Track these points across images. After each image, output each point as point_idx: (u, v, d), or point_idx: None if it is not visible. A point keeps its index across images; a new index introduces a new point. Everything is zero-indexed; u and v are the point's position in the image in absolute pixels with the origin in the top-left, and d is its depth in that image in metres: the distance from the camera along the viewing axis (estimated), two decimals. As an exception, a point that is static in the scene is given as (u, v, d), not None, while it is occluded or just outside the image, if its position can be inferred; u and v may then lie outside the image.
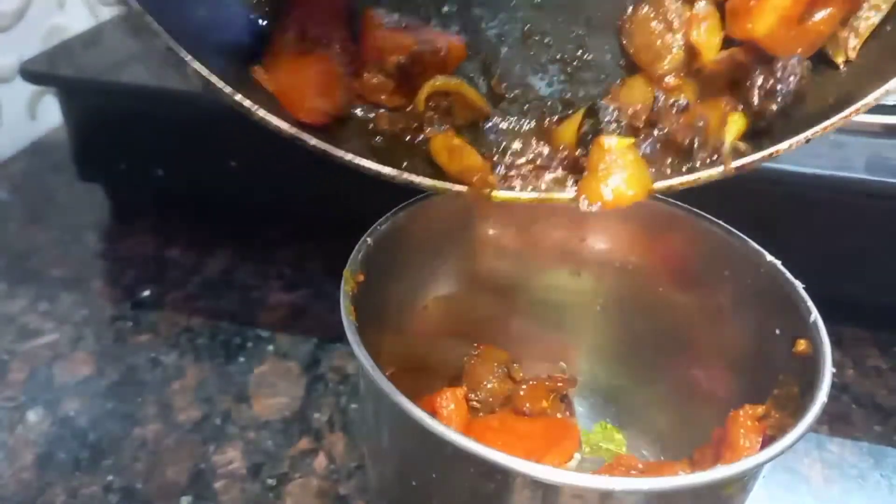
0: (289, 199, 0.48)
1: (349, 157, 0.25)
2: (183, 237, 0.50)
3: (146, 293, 0.45)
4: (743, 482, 0.22)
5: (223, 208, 0.51)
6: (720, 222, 0.29)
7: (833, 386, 0.23)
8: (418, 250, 0.31)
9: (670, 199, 0.30)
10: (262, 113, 0.25)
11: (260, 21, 0.28)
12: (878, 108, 0.42)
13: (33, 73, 0.47)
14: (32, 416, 0.37)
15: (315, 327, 0.43)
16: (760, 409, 0.26)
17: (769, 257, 0.28)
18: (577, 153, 0.27)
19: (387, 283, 0.29)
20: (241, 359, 0.40)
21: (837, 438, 0.37)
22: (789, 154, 0.39)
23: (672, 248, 0.31)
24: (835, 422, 0.38)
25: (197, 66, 0.23)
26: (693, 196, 0.30)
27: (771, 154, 0.25)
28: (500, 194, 0.26)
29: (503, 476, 0.21)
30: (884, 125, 0.42)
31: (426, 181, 0.26)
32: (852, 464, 0.36)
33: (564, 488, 0.20)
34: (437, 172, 0.27)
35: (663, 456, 0.32)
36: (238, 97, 0.24)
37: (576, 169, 0.27)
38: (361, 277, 0.26)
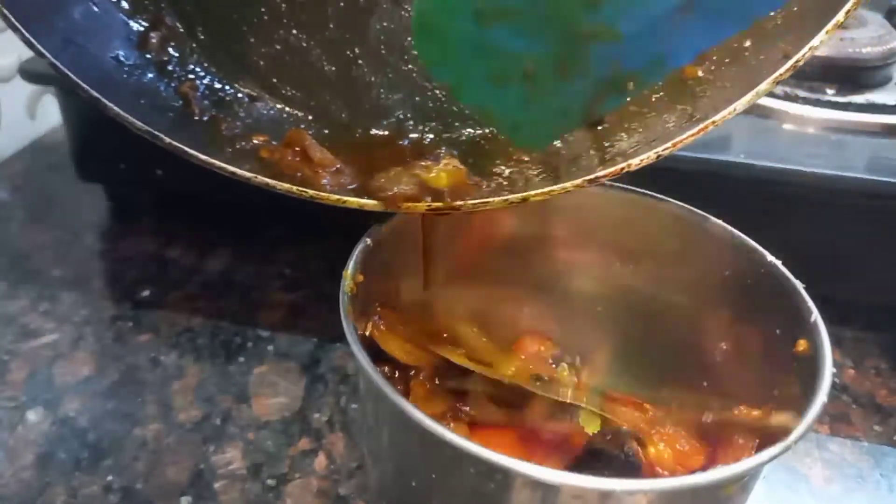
0: (289, 199, 0.47)
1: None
2: (183, 237, 0.50)
3: (146, 293, 0.45)
4: (743, 482, 0.22)
5: (223, 208, 0.51)
6: (720, 222, 0.29)
7: (833, 386, 0.23)
8: (418, 250, 0.31)
9: (670, 199, 0.30)
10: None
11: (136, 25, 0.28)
12: (879, 109, 0.43)
13: (33, 72, 0.47)
14: (32, 416, 0.37)
15: (315, 327, 0.43)
16: (760, 409, 0.26)
17: (769, 257, 0.27)
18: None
19: (387, 283, 0.29)
20: (241, 359, 0.40)
21: (837, 438, 0.37)
22: (789, 154, 0.40)
23: (672, 248, 0.31)
24: (835, 422, 0.38)
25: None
26: (693, 196, 0.30)
27: (622, 169, 0.25)
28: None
29: (503, 476, 0.21)
30: (884, 125, 0.42)
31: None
32: (852, 464, 0.36)
33: (564, 488, 0.20)
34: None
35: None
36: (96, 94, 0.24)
37: None
38: (361, 277, 0.26)
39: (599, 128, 0.28)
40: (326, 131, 0.30)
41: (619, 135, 0.27)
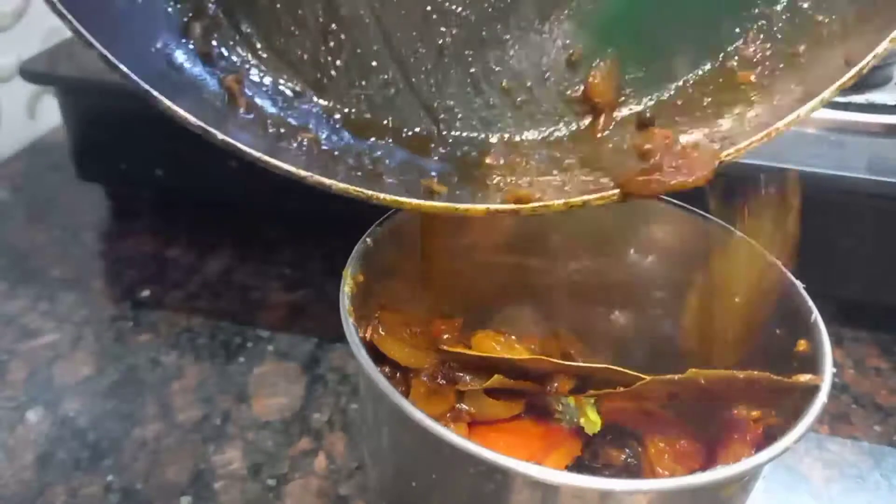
0: (289, 199, 0.48)
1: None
2: (183, 237, 0.50)
3: (146, 293, 0.45)
4: (743, 482, 0.22)
5: (223, 208, 0.51)
6: (720, 222, 0.29)
7: (833, 386, 0.23)
8: (418, 250, 0.31)
9: (670, 199, 0.30)
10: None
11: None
12: (879, 109, 0.43)
13: (33, 72, 0.47)
14: (32, 416, 0.37)
15: (315, 327, 0.43)
16: (760, 410, 0.26)
17: (769, 257, 0.28)
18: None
19: (387, 283, 0.29)
20: (241, 359, 0.40)
21: (837, 438, 0.37)
22: (789, 154, 0.40)
23: (672, 248, 0.31)
24: (835, 422, 0.38)
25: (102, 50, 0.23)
26: (693, 195, 0.30)
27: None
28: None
29: (503, 476, 0.21)
30: (884, 125, 0.42)
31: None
32: (852, 464, 0.36)
33: (564, 488, 0.20)
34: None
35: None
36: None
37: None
38: (361, 277, 0.26)
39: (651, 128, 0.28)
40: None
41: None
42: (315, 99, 0.28)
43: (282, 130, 0.27)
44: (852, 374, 0.41)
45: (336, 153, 0.27)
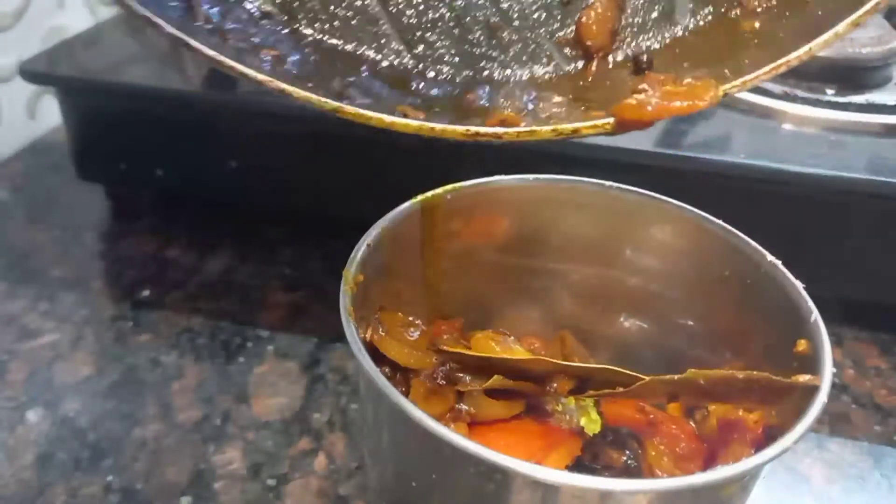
0: (289, 199, 0.48)
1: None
2: (183, 237, 0.50)
3: (146, 293, 0.45)
4: (743, 482, 0.22)
5: (223, 208, 0.51)
6: (720, 222, 0.29)
7: (833, 386, 0.23)
8: (418, 250, 0.31)
9: (670, 199, 0.30)
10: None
11: None
12: (879, 109, 0.43)
13: (33, 72, 0.47)
14: (32, 416, 0.37)
15: (315, 327, 0.43)
16: (760, 410, 0.26)
17: (769, 257, 0.27)
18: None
19: (387, 284, 0.29)
20: (241, 359, 0.40)
21: (837, 438, 0.37)
22: (789, 154, 0.40)
23: (672, 248, 0.31)
24: (835, 422, 0.38)
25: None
26: (693, 195, 0.30)
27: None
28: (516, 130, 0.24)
29: (503, 476, 0.21)
30: (885, 125, 0.42)
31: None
32: (852, 464, 0.36)
33: (564, 488, 0.20)
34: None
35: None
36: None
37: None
38: (361, 278, 0.26)
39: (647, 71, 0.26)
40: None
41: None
42: (283, 20, 0.27)
43: (242, 45, 0.25)
44: (852, 374, 0.41)
45: (302, 75, 0.25)
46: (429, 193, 0.30)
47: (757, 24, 0.26)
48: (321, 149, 0.45)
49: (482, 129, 0.24)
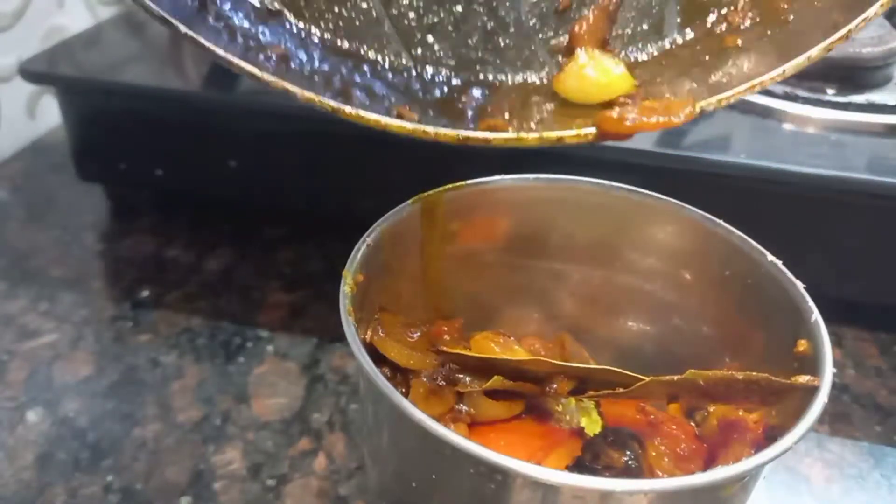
0: (289, 199, 0.48)
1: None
2: (183, 237, 0.50)
3: (146, 293, 0.45)
4: (743, 483, 0.22)
5: (223, 208, 0.51)
6: (720, 222, 0.29)
7: (833, 386, 0.23)
8: (418, 250, 0.31)
9: (670, 199, 0.30)
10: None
11: None
12: (879, 109, 0.43)
13: (32, 72, 0.47)
14: (32, 416, 0.37)
15: (315, 327, 0.43)
16: (760, 411, 0.26)
17: (770, 257, 0.27)
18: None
19: (387, 283, 0.29)
20: (241, 359, 0.40)
21: (837, 438, 0.37)
22: (789, 154, 0.40)
23: (672, 248, 0.31)
24: (835, 422, 0.38)
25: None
26: (693, 195, 0.30)
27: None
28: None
29: (503, 477, 0.21)
30: (885, 125, 0.42)
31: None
32: (852, 464, 0.36)
33: (564, 488, 0.20)
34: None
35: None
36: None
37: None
38: (361, 278, 0.26)
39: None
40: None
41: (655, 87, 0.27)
42: (291, 19, 0.28)
43: (251, 43, 0.26)
44: (852, 374, 0.41)
45: (306, 74, 0.27)
46: (429, 193, 0.30)
47: (739, 42, 0.27)
48: (321, 149, 0.45)
49: (472, 134, 0.25)
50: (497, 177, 0.31)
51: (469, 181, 0.31)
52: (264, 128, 0.45)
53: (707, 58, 0.27)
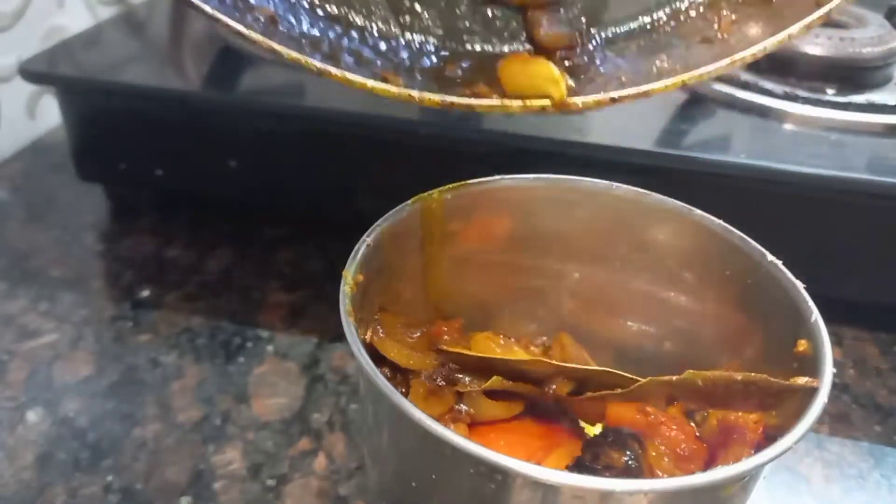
0: (289, 199, 0.48)
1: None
2: (183, 237, 0.50)
3: (146, 293, 0.45)
4: (743, 483, 0.22)
5: (223, 208, 0.51)
6: (720, 222, 0.29)
7: (833, 386, 0.23)
8: (418, 250, 0.31)
9: (670, 199, 0.30)
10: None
11: None
12: (879, 109, 0.43)
13: (32, 72, 0.47)
14: (32, 416, 0.37)
15: (315, 327, 0.43)
16: (759, 412, 0.26)
17: (769, 257, 0.27)
18: None
19: (387, 284, 0.29)
20: (241, 359, 0.40)
21: (837, 438, 0.37)
22: (789, 154, 0.40)
23: (672, 248, 0.31)
24: (835, 422, 0.38)
25: None
26: (693, 195, 0.30)
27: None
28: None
29: (503, 477, 0.21)
30: (885, 125, 0.42)
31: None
32: (852, 464, 0.36)
33: (564, 488, 0.20)
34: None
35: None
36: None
37: None
38: (361, 278, 0.26)
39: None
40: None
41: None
42: None
43: (240, 4, 0.26)
44: (852, 374, 0.41)
45: (294, 37, 0.27)
46: (429, 193, 0.30)
47: (717, 31, 0.27)
48: (321, 149, 0.45)
49: (456, 100, 0.25)
50: (497, 177, 0.31)
51: (469, 181, 0.31)
52: (264, 128, 0.45)
53: (690, 35, 0.28)
